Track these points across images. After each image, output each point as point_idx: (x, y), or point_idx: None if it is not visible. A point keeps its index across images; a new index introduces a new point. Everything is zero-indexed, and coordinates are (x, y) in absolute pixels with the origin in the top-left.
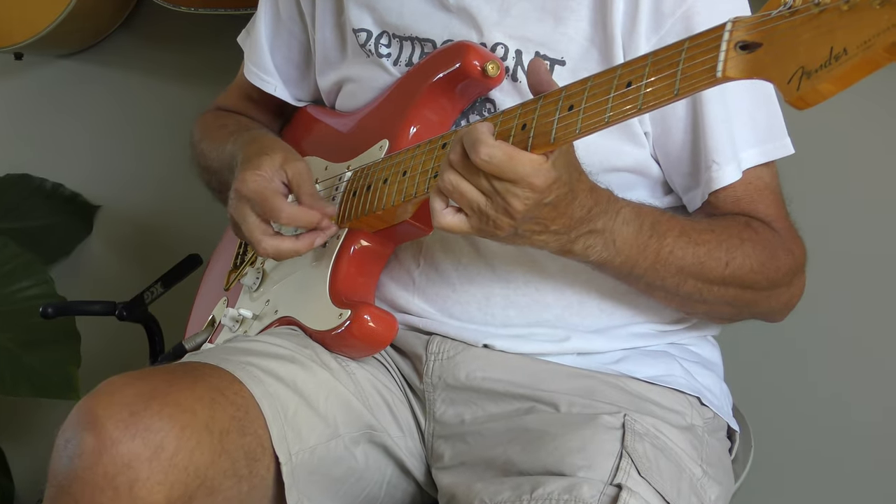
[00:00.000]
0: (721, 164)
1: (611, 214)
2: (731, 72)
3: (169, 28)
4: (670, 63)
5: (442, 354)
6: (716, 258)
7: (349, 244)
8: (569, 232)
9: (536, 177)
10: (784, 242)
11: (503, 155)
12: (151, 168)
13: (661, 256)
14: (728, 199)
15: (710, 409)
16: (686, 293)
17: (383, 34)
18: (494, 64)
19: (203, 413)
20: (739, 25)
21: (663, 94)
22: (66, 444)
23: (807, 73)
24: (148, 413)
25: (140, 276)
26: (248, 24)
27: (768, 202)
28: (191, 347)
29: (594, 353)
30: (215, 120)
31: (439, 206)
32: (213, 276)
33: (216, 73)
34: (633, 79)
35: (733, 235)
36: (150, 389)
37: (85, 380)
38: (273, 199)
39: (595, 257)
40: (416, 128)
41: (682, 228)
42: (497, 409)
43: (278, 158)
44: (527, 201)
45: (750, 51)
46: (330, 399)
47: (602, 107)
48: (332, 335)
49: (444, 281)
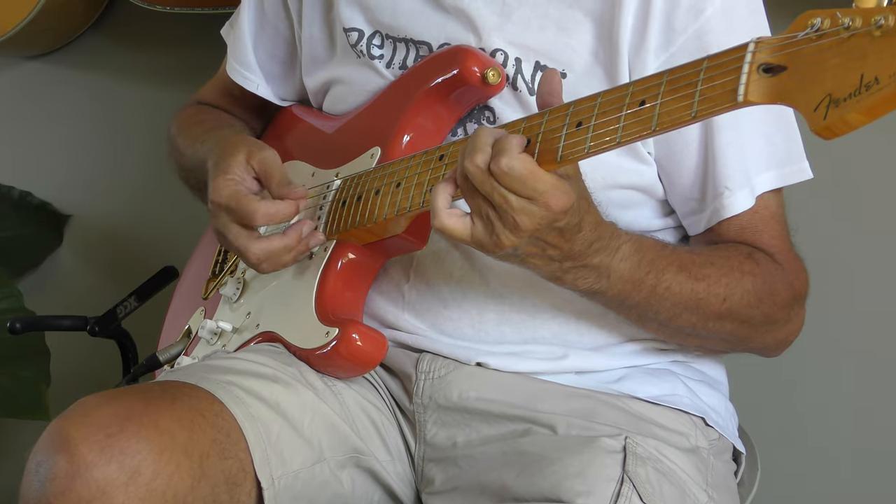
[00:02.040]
0: (733, 190)
1: (610, 251)
2: (754, 96)
3: (143, 28)
4: (687, 83)
5: (433, 373)
6: (714, 294)
7: (337, 257)
8: (562, 262)
9: (554, 197)
10: (786, 276)
11: (524, 169)
12: (125, 175)
13: (657, 292)
14: (732, 227)
15: (715, 429)
16: (678, 327)
17: (376, 34)
18: (495, 71)
19: (182, 435)
20: (763, 46)
21: (680, 115)
22: (37, 468)
23: (834, 101)
24: (124, 435)
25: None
26: (232, 16)
27: (773, 232)
28: (165, 359)
29: (593, 372)
30: (194, 115)
31: (443, 202)
32: (189, 283)
33: (194, 76)
34: (647, 97)
35: (734, 269)
36: (125, 410)
37: (55, 399)
38: (244, 202)
39: (585, 287)
40: (409, 136)
41: (681, 263)
42: (491, 431)
43: (242, 155)
44: (540, 221)
45: (773, 74)
46: (315, 421)
47: (613, 125)
48: (317, 354)
49: (436, 296)
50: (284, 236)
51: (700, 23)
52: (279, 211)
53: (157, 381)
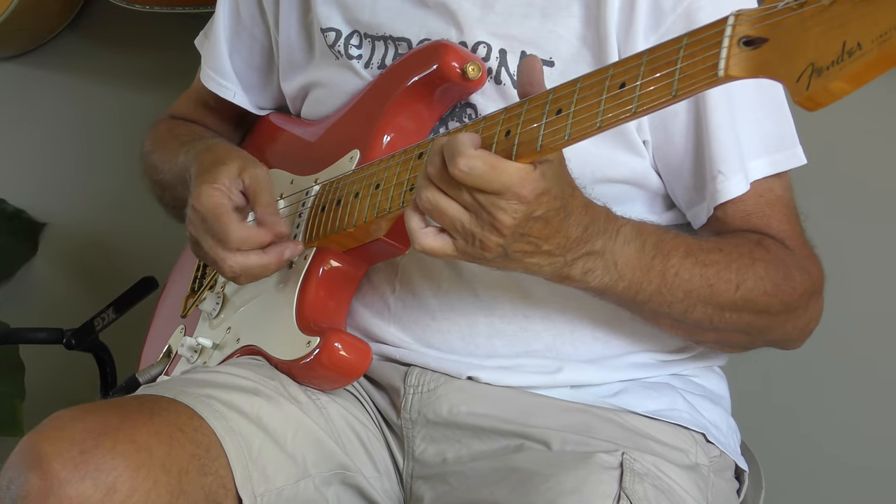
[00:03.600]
0: (727, 174)
1: (610, 233)
2: (734, 70)
3: (122, 28)
4: (668, 61)
5: (421, 387)
6: (726, 280)
7: (317, 265)
8: (565, 254)
9: (523, 186)
10: (799, 262)
11: (484, 165)
12: (103, 182)
13: (667, 279)
14: (737, 213)
15: (716, 446)
16: (695, 320)
17: (354, 34)
18: (475, 65)
19: (160, 451)
20: (743, 19)
21: (660, 95)
22: (8, 486)
23: (817, 70)
24: (99, 451)
25: (90, 301)
26: (206, 25)
27: (781, 217)
28: (145, 380)
29: (589, 386)
30: (168, 130)
31: (417, 225)
32: (169, 301)
33: (174, 77)
34: (626, 79)
35: (744, 255)
36: (101, 425)
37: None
38: (223, 220)
39: (596, 283)
40: (389, 136)
41: (687, 248)
42: (482, 446)
43: (235, 167)
44: (515, 214)
45: (755, 47)
46: (298, 436)
47: (593, 110)
48: (299, 365)
49: (423, 307)
50: (264, 255)
51: (688, 1)
52: (253, 239)
53: (134, 395)
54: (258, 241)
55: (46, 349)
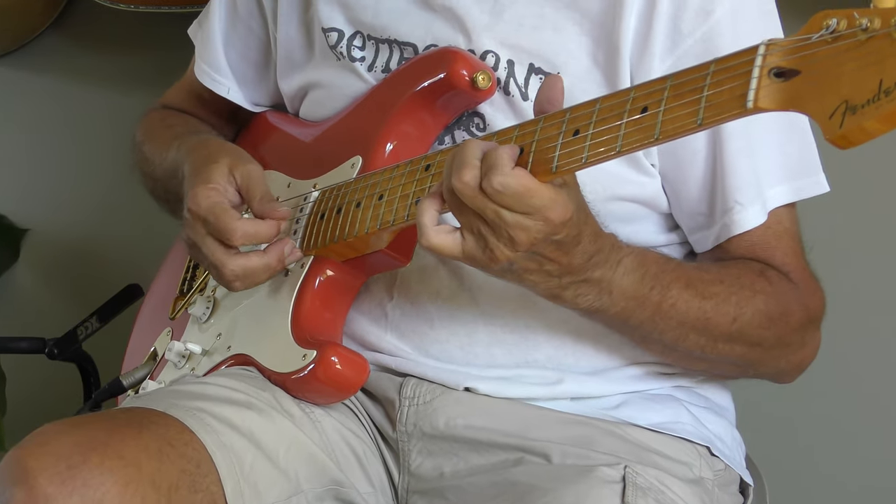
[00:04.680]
0: (744, 205)
1: (611, 264)
2: (764, 102)
3: (107, 28)
4: (693, 88)
5: (418, 399)
6: (723, 313)
7: (314, 274)
8: (561, 277)
9: (553, 210)
10: (801, 296)
11: (519, 186)
12: (86, 187)
13: (662, 309)
14: (742, 244)
15: (720, 459)
16: (686, 349)
17: (357, 35)
18: (486, 74)
19: (149, 466)
20: (774, 49)
21: (684, 123)
22: None
23: (851, 108)
24: (87, 466)
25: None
26: (201, 14)
27: (786, 249)
28: (129, 384)
29: (590, 398)
30: (161, 120)
31: (430, 219)
32: (155, 301)
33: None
34: (649, 104)
35: (745, 286)
36: (88, 439)
37: (11, 427)
38: (224, 218)
39: (586, 305)
40: (392, 144)
41: (688, 280)
42: (481, 460)
43: (225, 164)
44: (537, 235)
45: (786, 79)
46: (291, 450)
47: (613, 133)
48: (293, 378)
49: (421, 316)
50: (265, 255)
51: (709, 25)
52: (259, 232)
53: (122, 407)
54: (265, 234)
55: (28, 359)
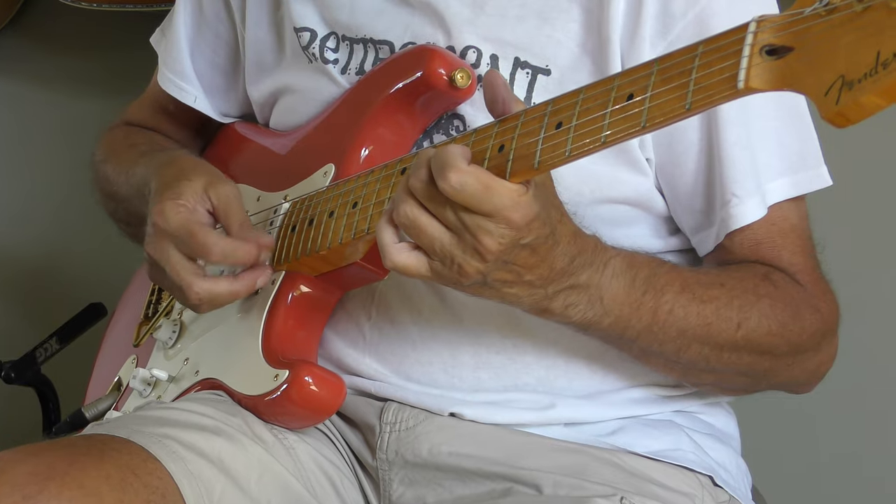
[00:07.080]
0: (742, 197)
1: (597, 266)
2: (756, 82)
3: (67, 27)
4: (681, 71)
5: (399, 425)
6: (725, 318)
7: (286, 290)
8: (546, 286)
9: (515, 210)
10: (810, 299)
11: (477, 183)
12: (46, 198)
13: (659, 317)
14: (745, 242)
15: (724, 490)
16: (689, 361)
17: (331, 35)
18: (464, 73)
19: (111, 497)
20: (765, 26)
21: (672, 108)
22: None
23: (848, 83)
24: (44, 496)
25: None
26: (164, 21)
27: (794, 248)
28: (92, 416)
29: (584, 424)
30: (124, 138)
31: (389, 239)
32: (120, 329)
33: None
34: (635, 90)
35: (748, 290)
36: (46, 468)
37: None
38: (200, 234)
39: (578, 318)
40: (368, 150)
41: (683, 282)
42: (466, 490)
43: (200, 183)
44: (501, 240)
45: (778, 56)
46: (264, 479)
47: (598, 123)
48: (265, 401)
49: (402, 336)
50: (235, 282)
51: (701, 6)
52: (237, 251)
53: (83, 434)
54: (244, 256)
55: None
